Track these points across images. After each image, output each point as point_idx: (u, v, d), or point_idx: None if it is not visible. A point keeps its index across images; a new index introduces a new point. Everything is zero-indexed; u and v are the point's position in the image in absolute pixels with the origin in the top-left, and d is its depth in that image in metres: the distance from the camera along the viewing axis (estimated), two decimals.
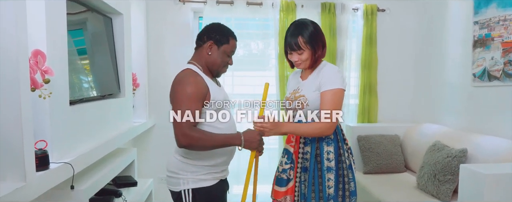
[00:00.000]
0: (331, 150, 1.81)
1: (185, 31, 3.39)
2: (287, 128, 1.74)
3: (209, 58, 1.71)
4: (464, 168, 1.83)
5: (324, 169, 1.78)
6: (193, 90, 1.58)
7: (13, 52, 1.21)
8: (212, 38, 1.70)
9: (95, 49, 2.27)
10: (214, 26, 1.74)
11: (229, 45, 1.70)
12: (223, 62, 1.72)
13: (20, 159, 1.24)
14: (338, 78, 1.75)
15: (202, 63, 1.72)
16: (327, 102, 1.72)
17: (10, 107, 1.22)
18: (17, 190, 1.19)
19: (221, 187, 1.71)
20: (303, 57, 1.76)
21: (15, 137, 1.23)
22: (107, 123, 2.23)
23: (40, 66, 1.38)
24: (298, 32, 1.75)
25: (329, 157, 1.79)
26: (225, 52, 1.70)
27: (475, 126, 2.69)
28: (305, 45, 1.75)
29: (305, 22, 1.79)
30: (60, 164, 1.51)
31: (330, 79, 1.74)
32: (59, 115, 1.59)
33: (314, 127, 1.72)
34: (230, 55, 1.74)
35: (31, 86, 1.32)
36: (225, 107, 1.70)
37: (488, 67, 2.57)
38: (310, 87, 1.80)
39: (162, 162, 3.39)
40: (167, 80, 3.31)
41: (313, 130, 1.72)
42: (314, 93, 1.77)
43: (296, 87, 1.88)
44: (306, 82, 1.84)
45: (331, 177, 1.77)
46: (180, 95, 1.59)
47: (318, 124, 1.72)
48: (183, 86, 1.60)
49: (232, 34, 1.72)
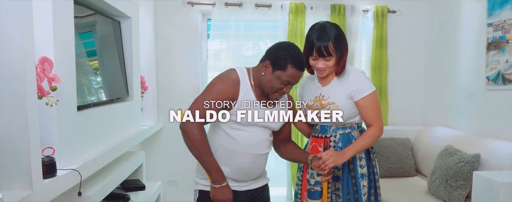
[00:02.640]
0: (362, 156, 1.80)
1: (193, 34, 3.38)
2: (349, 151, 1.71)
3: (262, 78, 1.59)
4: (478, 175, 1.78)
5: (358, 177, 1.76)
6: (219, 89, 1.55)
7: (19, 61, 1.21)
8: (270, 58, 1.56)
9: (104, 52, 2.27)
10: (280, 46, 1.58)
11: (284, 73, 1.53)
12: (274, 89, 1.57)
13: (27, 167, 1.24)
14: (369, 81, 1.76)
15: (255, 78, 1.61)
16: (372, 108, 1.73)
17: (17, 115, 1.21)
18: (23, 199, 1.19)
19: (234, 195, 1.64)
20: (330, 64, 1.69)
21: (22, 145, 1.23)
22: (115, 127, 2.23)
23: (47, 74, 1.37)
24: (328, 36, 1.66)
25: (361, 163, 1.78)
26: (279, 79, 1.54)
27: (488, 130, 2.63)
28: (335, 51, 1.67)
29: (333, 25, 1.71)
30: (68, 171, 1.51)
31: (365, 85, 1.73)
32: (66, 121, 1.58)
33: (371, 136, 1.73)
34: (286, 84, 1.56)
35: (38, 94, 1.32)
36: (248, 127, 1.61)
37: (503, 71, 2.51)
38: (339, 94, 1.74)
39: (170, 165, 3.43)
40: (176, 83, 3.39)
41: (371, 139, 1.73)
42: (345, 100, 1.73)
43: (317, 94, 1.80)
44: (330, 89, 1.77)
45: (365, 184, 1.76)
46: (209, 87, 1.59)
47: (371, 132, 1.73)
48: (217, 81, 1.60)
49: (294, 63, 1.52)
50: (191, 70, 3.41)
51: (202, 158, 1.55)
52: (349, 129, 1.80)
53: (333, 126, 1.80)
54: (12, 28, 1.19)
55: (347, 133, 1.79)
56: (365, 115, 1.75)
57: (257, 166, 1.68)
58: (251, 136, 1.62)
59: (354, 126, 1.81)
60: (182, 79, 3.40)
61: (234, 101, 1.57)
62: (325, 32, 1.66)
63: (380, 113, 1.78)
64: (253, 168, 1.66)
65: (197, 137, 1.51)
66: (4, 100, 1.20)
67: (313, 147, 1.85)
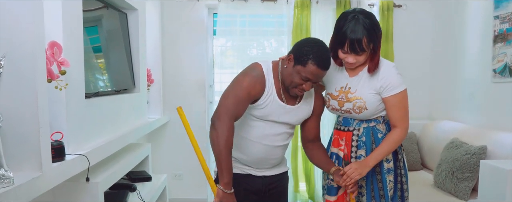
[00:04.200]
0: None
1: (199, 28, 3.40)
2: (372, 160, 1.60)
3: (283, 71, 1.56)
4: (485, 164, 1.78)
5: (384, 172, 1.66)
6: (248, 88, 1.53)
7: (29, 43, 1.22)
8: (294, 52, 1.52)
9: (111, 44, 2.28)
10: (306, 41, 1.54)
11: (304, 69, 1.48)
12: (293, 83, 1.53)
13: (37, 150, 1.25)
14: (400, 77, 1.61)
15: (280, 71, 1.59)
16: (399, 107, 1.60)
17: (27, 97, 1.22)
18: (34, 180, 1.20)
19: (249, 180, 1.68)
20: (360, 59, 1.55)
21: (32, 127, 1.24)
22: (122, 117, 2.24)
23: (57, 58, 1.38)
24: (362, 30, 1.49)
25: (388, 157, 1.67)
26: (299, 74, 1.50)
27: (495, 123, 2.61)
28: (368, 47, 1.52)
29: (368, 16, 1.53)
30: (76, 156, 1.52)
31: (397, 82, 1.60)
32: (75, 107, 1.60)
33: (394, 140, 1.61)
34: (305, 80, 1.50)
35: (47, 78, 1.33)
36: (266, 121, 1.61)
37: (510, 63, 2.50)
38: (367, 88, 1.62)
39: (175, 159, 3.44)
40: (182, 77, 3.40)
41: (395, 144, 1.62)
42: (372, 96, 1.61)
43: (344, 84, 1.67)
44: (358, 80, 1.64)
45: (391, 179, 1.67)
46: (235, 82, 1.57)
47: (395, 136, 1.61)
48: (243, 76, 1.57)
49: (315, 60, 1.46)
50: (197, 64, 3.42)
51: (221, 157, 1.47)
52: (374, 122, 1.67)
53: (356, 120, 1.69)
54: (22, 11, 1.20)
55: (372, 126, 1.67)
56: (391, 114, 1.63)
57: (273, 156, 1.68)
58: (269, 128, 1.62)
59: (380, 119, 1.68)
60: (188, 73, 3.41)
61: (259, 98, 1.57)
62: (358, 24, 1.49)
63: (408, 114, 1.64)
64: (268, 158, 1.67)
65: (225, 135, 1.46)
66: (15, 82, 1.21)
67: (334, 139, 1.76)
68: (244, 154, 1.65)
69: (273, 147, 1.65)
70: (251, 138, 1.63)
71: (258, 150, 1.64)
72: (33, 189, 1.20)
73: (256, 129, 1.62)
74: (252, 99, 1.56)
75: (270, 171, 1.72)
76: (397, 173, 1.68)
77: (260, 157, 1.65)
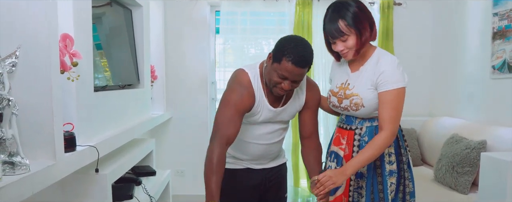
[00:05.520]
0: (392, 151, 1.57)
1: (202, 25, 3.43)
2: (350, 168, 1.46)
3: (265, 70, 1.53)
4: (485, 156, 1.82)
5: (385, 174, 1.55)
6: (236, 103, 1.51)
7: (44, 35, 1.24)
8: (273, 50, 1.49)
9: (116, 40, 2.31)
10: (284, 38, 1.50)
11: (279, 66, 1.43)
12: (272, 82, 1.49)
13: (51, 139, 1.27)
14: (400, 73, 1.47)
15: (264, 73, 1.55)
16: (389, 107, 1.46)
17: (42, 88, 1.25)
18: (48, 168, 1.23)
19: (249, 173, 1.71)
20: (349, 44, 1.47)
21: (46, 117, 1.26)
22: (128, 112, 2.27)
23: (69, 50, 1.41)
24: (338, 15, 1.46)
25: (391, 159, 1.56)
26: (275, 71, 1.46)
27: (494, 119, 2.66)
28: (349, 29, 1.45)
29: (344, 2, 1.48)
30: (86, 147, 1.55)
31: (393, 76, 1.46)
32: (84, 100, 1.62)
33: (377, 146, 1.46)
34: (283, 78, 1.46)
35: (60, 69, 1.36)
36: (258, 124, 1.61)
37: (508, 59, 2.54)
38: (364, 83, 1.52)
39: (178, 155, 3.46)
40: (185, 74, 3.43)
41: (378, 150, 1.46)
42: (370, 91, 1.51)
43: (344, 80, 1.60)
44: (357, 75, 1.55)
45: (393, 181, 1.56)
46: (225, 100, 1.55)
47: (379, 141, 1.46)
48: (231, 92, 1.54)
49: (289, 56, 1.41)
50: (200, 62, 3.45)
51: (205, 179, 1.47)
52: (377, 121, 1.53)
53: (359, 118, 1.59)
54: (36, 3, 1.23)
55: (375, 126, 1.55)
56: (380, 112, 1.48)
57: (270, 152, 1.71)
58: (263, 128, 1.63)
59: None
60: (191, 70, 3.44)
61: (250, 109, 1.56)
62: (335, 11, 1.47)
63: (399, 116, 1.48)
64: (266, 154, 1.70)
65: (212, 160, 1.45)
66: (30, 73, 1.23)
67: (336, 137, 1.67)
68: (242, 153, 1.68)
69: (270, 145, 1.67)
70: (247, 139, 1.65)
71: (255, 149, 1.67)
72: (47, 177, 1.23)
73: (251, 131, 1.63)
74: (244, 112, 1.54)
75: (268, 164, 1.75)
76: (400, 175, 1.57)
77: (259, 155, 1.69)
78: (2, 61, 1.18)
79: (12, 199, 1.04)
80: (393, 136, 1.47)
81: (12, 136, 1.14)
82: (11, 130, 1.14)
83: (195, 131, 3.47)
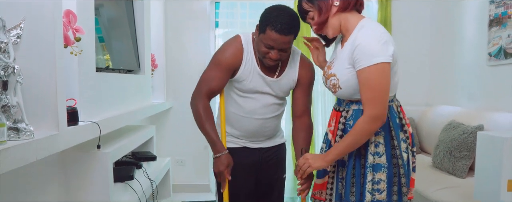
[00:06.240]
0: (380, 140, 1.36)
1: (202, 16, 3.46)
2: (330, 154, 1.36)
3: (254, 42, 1.59)
4: (481, 135, 1.85)
5: (367, 166, 1.34)
6: (221, 59, 1.59)
7: (48, 7, 1.27)
8: (259, 21, 1.51)
9: (116, 29, 2.34)
10: (266, 9, 1.51)
11: (264, 36, 1.47)
12: (261, 53, 1.52)
13: (54, 110, 1.30)
14: (379, 46, 1.25)
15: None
16: (367, 86, 1.27)
17: (46, 59, 1.27)
18: (52, 136, 1.25)
19: (246, 152, 1.73)
20: (316, 20, 1.38)
21: (50, 88, 1.29)
22: (129, 96, 2.29)
23: (72, 25, 1.44)
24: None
25: (378, 150, 1.35)
26: (261, 41, 1.49)
27: (492, 105, 2.69)
28: (309, 5, 1.39)
29: None
30: (88, 123, 1.57)
31: (368, 51, 1.25)
32: (86, 78, 1.65)
33: (356, 132, 1.30)
34: (269, 48, 1.49)
35: (64, 43, 1.38)
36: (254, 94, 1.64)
37: (504, 45, 2.58)
38: (342, 62, 1.36)
39: (178, 145, 3.49)
40: (185, 64, 3.46)
41: (359, 135, 1.30)
42: (348, 71, 1.34)
43: (332, 58, 1.48)
44: (340, 54, 1.41)
45: (382, 178, 1.34)
46: (212, 58, 1.64)
47: (357, 126, 1.30)
48: (219, 50, 1.63)
49: (272, 25, 1.43)
50: (199, 53, 3.48)
51: (202, 131, 1.62)
52: None
53: (346, 100, 1.43)
54: None
55: (363, 109, 1.35)
56: (360, 94, 1.32)
57: (265, 129, 1.73)
58: (256, 102, 1.66)
59: None
60: (191, 62, 3.47)
61: (237, 69, 1.60)
62: None
63: (380, 98, 1.27)
64: (261, 131, 1.72)
65: (199, 111, 1.60)
66: (34, 44, 1.26)
67: (329, 119, 1.55)
68: (237, 129, 1.70)
69: (265, 120, 1.69)
70: (241, 113, 1.68)
71: (250, 124, 1.69)
72: (51, 145, 1.25)
73: (244, 104, 1.66)
74: (229, 70, 1.59)
75: (265, 143, 1.77)
76: (394, 172, 1.35)
77: (253, 131, 1.70)
78: (7, 32, 1.21)
79: (16, 161, 1.07)
80: (373, 120, 1.28)
81: (17, 103, 1.17)
82: (16, 97, 1.17)
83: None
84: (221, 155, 1.59)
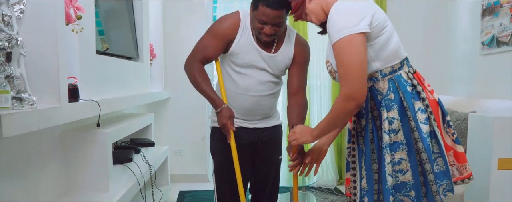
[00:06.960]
0: (394, 116, 1.24)
1: (200, 8, 3.49)
2: (315, 130, 1.34)
3: (250, 19, 1.65)
4: (473, 116, 1.89)
5: (384, 147, 1.22)
6: (217, 29, 1.66)
7: None
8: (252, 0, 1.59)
9: (116, 20, 2.38)
10: None
11: (258, 12, 1.54)
12: (256, 29, 1.60)
13: (56, 84, 1.33)
14: (346, 18, 1.17)
15: None
16: (338, 63, 1.20)
17: (48, 34, 1.31)
18: (53, 108, 1.29)
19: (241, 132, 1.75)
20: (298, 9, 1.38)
21: (52, 62, 1.32)
22: (128, 81, 2.33)
23: (73, 4, 1.47)
24: None
25: (393, 127, 1.23)
26: (255, 18, 1.57)
27: (485, 93, 2.74)
28: None
29: None
30: (88, 101, 1.61)
31: (335, 25, 1.18)
32: (86, 58, 1.69)
33: (334, 109, 1.24)
34: (263, 23, 1.56)
35: (65, 20, 1.42)
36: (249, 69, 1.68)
37: (497, 34, 2.62)
38: (330, 46, 1.32)
39: (176, 135, 3.52)
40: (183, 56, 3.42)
41: (336, 113, 1.24)
42: None
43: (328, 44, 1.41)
44: None
45: (403, 156, 1.22)
46: (208, 29, 1.71)
47: (334, 104, 1.23)
48: (216, 21, 1.71)
49: (264, 1, 1.50)
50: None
51: (199, 90, 1.69)
52: (371, 81, 1.29)
53: None
54: None
55: (369, 87, 1.29)
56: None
57: (261, 107, 1.75)
58: (251, 79, 1.69)
59: (376, 77, 1.28)
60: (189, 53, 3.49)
61: (232, 41, 1.66)
62: None
63: (351, 74, 1.17)
64: (256, 108, 1.75)
65: (193, 72, 1.68)
66: (37, 19, 1.29)
67: None
68: (233, 107, 1.72)
69: (260, 97, 1.72)
70: (237, 90, 1.71)
71: (245, 101, 1.72)
72: (53, 116, 1.29)
73: (240, 80, 1.70)
74: (224, 40, 1.66)
75: (261, 123, 1.79)
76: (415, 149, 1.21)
77: (249, 108, 1.73)
78: (11, 7, 1.25)
79: (20, 128, 1.10)
80: (346, 99, 1.19)
81: (20, 74, 1.20)
82: (19, 69, 1.21)
83: (193, 112, 3.53)
84: (222, 108, 1.64)
